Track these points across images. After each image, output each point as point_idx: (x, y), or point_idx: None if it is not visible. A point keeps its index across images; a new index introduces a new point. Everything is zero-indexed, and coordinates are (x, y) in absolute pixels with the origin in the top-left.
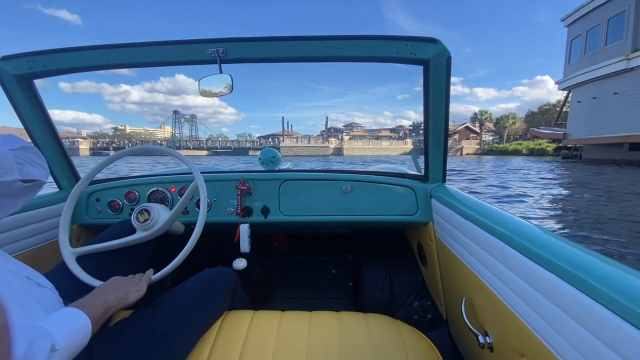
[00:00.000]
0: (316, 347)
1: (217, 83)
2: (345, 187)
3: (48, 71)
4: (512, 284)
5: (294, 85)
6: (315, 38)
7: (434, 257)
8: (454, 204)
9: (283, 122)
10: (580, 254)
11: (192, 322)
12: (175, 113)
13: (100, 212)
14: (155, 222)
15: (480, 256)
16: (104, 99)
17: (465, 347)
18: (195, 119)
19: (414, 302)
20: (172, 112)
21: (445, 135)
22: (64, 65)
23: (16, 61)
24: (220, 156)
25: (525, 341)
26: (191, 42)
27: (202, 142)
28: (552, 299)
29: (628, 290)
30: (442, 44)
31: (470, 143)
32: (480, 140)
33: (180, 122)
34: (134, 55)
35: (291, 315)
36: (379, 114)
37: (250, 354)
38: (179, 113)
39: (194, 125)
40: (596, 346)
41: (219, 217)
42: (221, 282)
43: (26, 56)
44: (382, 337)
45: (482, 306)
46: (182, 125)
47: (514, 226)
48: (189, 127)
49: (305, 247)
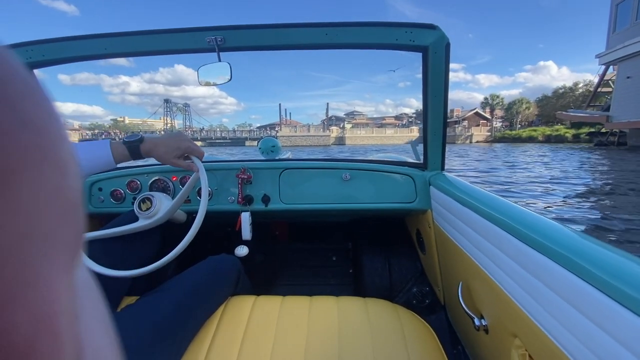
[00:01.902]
0: (316, 329)
1: (216, 71)
2: (345, 175)
3: (47, 61)
4: (506, 268)
5: (295, 75)
6: (314, 25)
7: (432, 243)
8: (452, 191)
9: (280, 109)
10: (572, 237)
11: (197, 307)
12: (166, 102)
13: (103, 201)
14: (158, 210)
15: (476, 242)
16: (103, 91)
17: (462, 329)
18: (188, 108)
19: (413, 287)
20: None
21: (444, 122)
22: (63, 54)
23: (15, 51)
24: (213, 147)
25: (518, 322)
26: (189, 30)
27: (195, 133)
28: (544, 281)
29: (618, 272)
30: (440, 30)
31: (480, 130)
32: (491, 127)
33: (173, 111)
34: (133, 44)
35: (292, 300)
36: (380, 102)
37: (252, 336)
38: (170, 102)
39: (187, 115)
40: (586, 326)
41: (220, 205)
42: (225, 269)
43: (25, 46)
44: (381, 320)
45: (478, 290)
46: (175, 114)
47: (509, 212)
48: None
49: (305, 236)
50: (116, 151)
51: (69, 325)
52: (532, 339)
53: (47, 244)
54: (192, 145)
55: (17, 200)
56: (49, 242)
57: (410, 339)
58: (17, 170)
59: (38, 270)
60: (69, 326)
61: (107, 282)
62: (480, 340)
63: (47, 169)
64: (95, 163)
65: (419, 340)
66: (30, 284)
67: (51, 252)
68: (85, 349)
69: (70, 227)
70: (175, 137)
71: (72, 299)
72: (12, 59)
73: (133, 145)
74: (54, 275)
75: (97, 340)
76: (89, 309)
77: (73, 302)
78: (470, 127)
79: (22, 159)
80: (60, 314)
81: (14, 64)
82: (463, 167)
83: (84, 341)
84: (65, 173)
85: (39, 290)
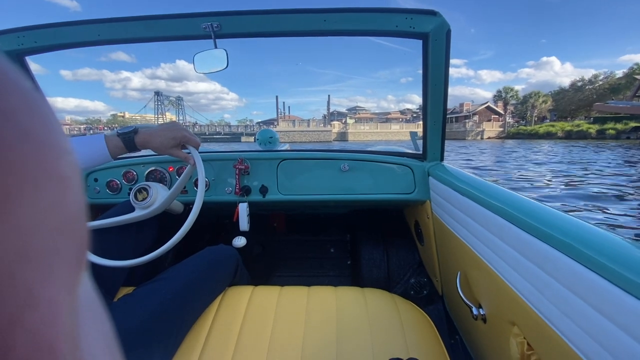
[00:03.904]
0: (314, 318)
1: (212, 58)
2: (343, 166)
3: (39, 47)
4: (505, 256)
5: (296, 70)
6: (312, 11)
7: (430, 234)
8: (452, 181)
9: (277, 102)
10: (573, 223)
11: (194, 297)
12: (157, 94)
13: (99, 192)
14: (154, 200)
15: (475, 231)
16: (105, 86)
17: (460, 319)
18: (181, 102)
19: (411, 278)
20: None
21: (444, 112)
22: (55, 41)
23: (6, 37)
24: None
25: (517, 310)
26: (184, 15)
27: (188, 127)
28: (544, 269)
29: (618, 256)
30: (442, 17)
31: (492, 125)
32: (504, 122)
33: (164, 104)
34: (125, 31)
35: (290, 290)
36: (382, 98)
37: (250, 325)
38: (161, 94)
39: (180, 109)
40: (587, 312)
41: (217, 196)
42: (223, 259)
43: (16, 32)
44: (379, 310)
45: (477, 279)
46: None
47: (509, 200)
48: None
49: (303, 227)
50: (111, 144)
51: (70, 347)
52: (530, 327)
53: (46, 262)
54: (188, 135)
55: (15, 217)
56: (48, 260)
57: (408, 328)
58: (15, 185)
59: (37, 290)
60: (70, 348)
61: (104, 272)
62: (479, 329)
63: (47, 183)
64: (91, 157)
65: (417, 330)
66: (29, 304)
67: (51, 270)
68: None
69: (71, 244)
70: (171, 127)
71: (73, 319)
72: (10, 69)
73: (127, 137)
74: (54, 295)
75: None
76: (92, 329)
77: (74, 322)
78: (481, 122)
79: (21, 174)
80: (61, 335)
81: (12, 74)
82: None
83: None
84: (66, 188)
85: (38, 310)
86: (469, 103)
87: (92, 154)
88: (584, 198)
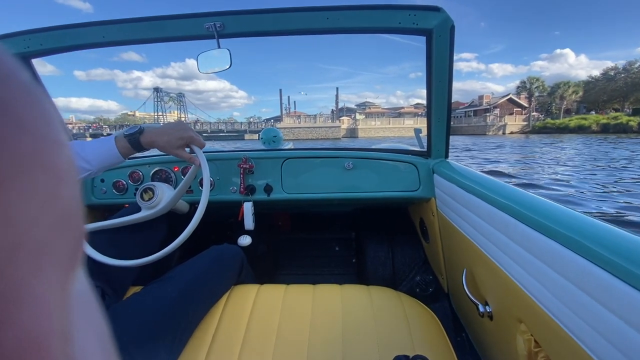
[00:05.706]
0: (320, 316)
1: (215, 58)
2: (347, 164)
3: (45, 50)
4: (511, 253)
5: (305, 67)
6: (315, 9)
7: (435, 232)
8: (457, 178)
9: (281, 95)
10: (579, 219)
11: (200, 296)
12: (156, 91)
13: (106, 192)
14: (160, 200)
15: (481, 227)
16: (117, 86)
17: (466, 317)
18: (183, 98)
19: (416, 276)
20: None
21: (449, 109)
22: (60, 43)
23: (12, 40)
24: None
25: (523, 307)
26: (187, 16)
27: (189, 125)
28: (551, 265)
29: (623, 250)
30: (445, 13)
31: (515, 119)
32: (528, 116)
33: (164, 101)
34: (130, 32)
35: (296, 288)
36: (391, 94)
37: (256, 323)
38: (161, 91)
39: (182, 106)
40: (594, 308)
41: (222, 195)
42: (228, 258)
43: (22, 34)
44: (384, 308)
45: (483, 276)
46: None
47: (515, 197)
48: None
49: (308, 226)
50: (120, 144)
51: (61, 345)
52: (538, 324)
53: (38, 257)
54: (194, 135)
55: (7, 209)
56: (40, 255)
57: (414, 326)
58: (8, 176)
59: (28, 286)
60: (60, 345)
61: (114, 272)
62: (485, 327)
63: (42, 175)
64: (103, 159)
65: (423, 327)
66: (19, 300)
67: (43, 266)
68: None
69: (65, 240)
70: (177, 127)
71: (65, 317)
72: (9, 59)
73: (133, 137)
74: (46, 292)
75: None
76: (85, 327)
77: (66, 320)
78: (502, 115)
79: (15, 165)
80: (52, 333)
81: (9, 64)
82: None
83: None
84: (61, 181)
85: (28, 307)
86: (488, 95)
87: (105, 155)
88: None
